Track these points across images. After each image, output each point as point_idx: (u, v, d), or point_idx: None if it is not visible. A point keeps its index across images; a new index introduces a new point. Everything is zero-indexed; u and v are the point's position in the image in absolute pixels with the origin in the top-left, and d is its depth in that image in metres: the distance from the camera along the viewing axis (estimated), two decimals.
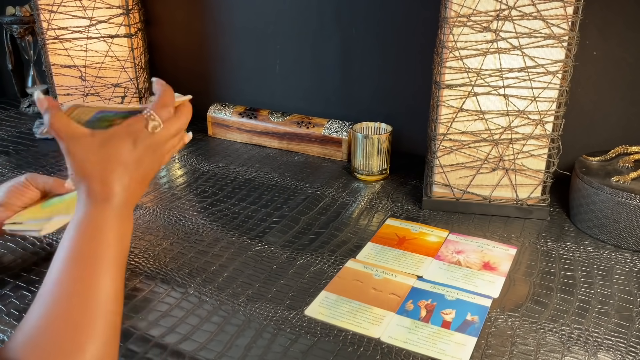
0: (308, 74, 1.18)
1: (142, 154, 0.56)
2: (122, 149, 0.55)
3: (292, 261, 0.75)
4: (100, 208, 0.54)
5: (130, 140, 0.56)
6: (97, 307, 0.49)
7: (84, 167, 0.55)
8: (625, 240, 0.77)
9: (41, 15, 1.12)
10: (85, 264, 0.51)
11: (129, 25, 1.15)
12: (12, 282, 0.70)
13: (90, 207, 0.54)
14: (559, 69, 0.78)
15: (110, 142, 0.55)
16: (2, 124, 1.29)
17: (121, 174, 0.55)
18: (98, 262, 0.51)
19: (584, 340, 0.60)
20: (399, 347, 0.59)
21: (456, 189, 0.87)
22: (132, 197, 0.57)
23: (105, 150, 0.55)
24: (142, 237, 0.81)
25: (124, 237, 0.55)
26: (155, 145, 0.58)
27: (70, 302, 0.49)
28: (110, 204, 0.54)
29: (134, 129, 0.57)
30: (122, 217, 0.55)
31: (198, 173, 1.02)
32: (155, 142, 0.58)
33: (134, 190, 0.56)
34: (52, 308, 0.48)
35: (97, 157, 0.55)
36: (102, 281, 0.51)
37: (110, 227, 0.54)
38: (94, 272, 0.51)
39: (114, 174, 0.55)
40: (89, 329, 0.48)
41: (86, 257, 0.52)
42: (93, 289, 0.50)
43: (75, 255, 0.51)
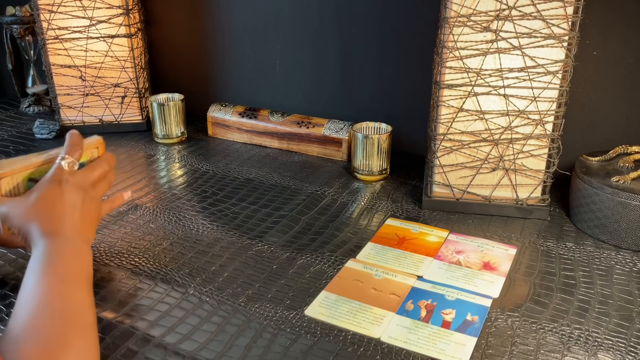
0: (308, 74, 1.18)
1: (72, 192, 0.64)
2: (52, 192, 0.63)
3: (292, 261, 0.75)
4: (53, 241, 0.59)
5: (55, 184, 0.64)
6: (75, 310, 0.54)
7: (25, 217, 0.62)
8: (625, 240, 0.77)
9: (41, 15, 1.12)
10: (55, 280, 0.55)
11: (129, 25, 1.15)
12: (12, 282, 0.70)
13: (45, 243, 0.59)
14: (559, 69, 0.78)
15: (39, 191, 0.63)
16: (2, 124, 1.29)
17: (61, 211, 0.62)
18: (71, 280, 0.56)
19: (584, 340, 0.60)
20: (399, 347, 0.59)
21: (456, 189, 0.87)
22: (82, 231, 0.63)
23: (39, 199, 0.63)
24: (142, 237, 0.81)
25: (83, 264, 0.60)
26: (83, 185, 0.65)
27: (50, 306, 0.53)
28: (63, 236, 0.60)
29: (53, 174, 0.65)
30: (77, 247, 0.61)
31: (198, 173, 1.02)
32: (81, 182, 0.65)
33: (80, 227, 0.63)
34: (37, 311, 0.52)
35: (34, 206, 0.62)
36: (73, 292, 0.55)
37: (68, 254, 0.59)
38: (63, 285, 0.55)
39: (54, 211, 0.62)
40: (72, 328, 0.52)
41: (54, 276, 0.56)
42: (67, 297, 0.54)
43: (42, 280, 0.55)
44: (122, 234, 0.82)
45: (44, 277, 0.55)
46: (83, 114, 1.21)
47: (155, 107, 1.14)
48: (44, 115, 1.34)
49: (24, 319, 0.51)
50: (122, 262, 0.74)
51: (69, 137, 0.68)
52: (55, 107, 1.21)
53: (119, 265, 0.74)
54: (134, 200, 0.91)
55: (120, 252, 0.77)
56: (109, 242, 0.79)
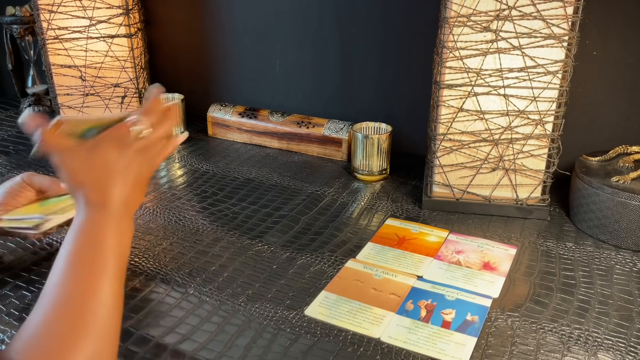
0: (308, 74, 1.18)
1: (131, 158, 0.58)
2: (109, 155, 0.57)
3: (292, 261, 0.75)
4: (99, 215, 0.55)
5: (115, 146, 0.58)
6: (93, 310, 0.50)
7: (77, 177, 0.56)
8: (625, 240, 0.77)
9: (41, 15, 1.12)
10: (85, 269, 0.52)
11: (129, 25, 1.15)
12: (12, 282, 0.70)
13: (88, 214, 0.55)
14: (559, 69, 0.78)
15: (96, 150, 0.57)
16: (2, 124, 1.29)
17: (114, 179, 0.57)
18: (97, 268, 0.52)
19: (584, 340, 0.60)
20: (399, 347, 0.59)
21: (456, 189, 0.87)
22: (129, 202, 0.58)
23: (94, 158, 0.57)
24: (142, 237, 0.81)
25: (123, 243, 0.56)
26: (143, 150, 0.59)
27: (69, 306, 0.50)
28: (108, 210, 0.55)
29: (118, 134, 0.59)
30: (120, 223, 0.56)
31: (198, 173, 1.02)
32: (142, 146, 0.59)
33: (130, 196, 0.58)
34: (52, 311, 0.49)
35: (88, 165, 0.57)
36: (101, 286, 0.52)
37: (110, 232, 0.55)
38: (93, 277, 0.52)
39: (107, 180, 0.56)
40: (87, 331, 0.48)
41: (86, 262, 0.52)
42: (92, 294, 0.51)
43: (75, 261, 0.52)
44: None
45: (73, 261, 0.52)
46: (83, 114, 1.21)
47: None
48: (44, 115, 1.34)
49: (37, 316, 0.49)
50: None
51: (149, 99, 0.62)
52: (55, 107, 1.21)
53: None
54: None
55: None
56: None
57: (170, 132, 0.63)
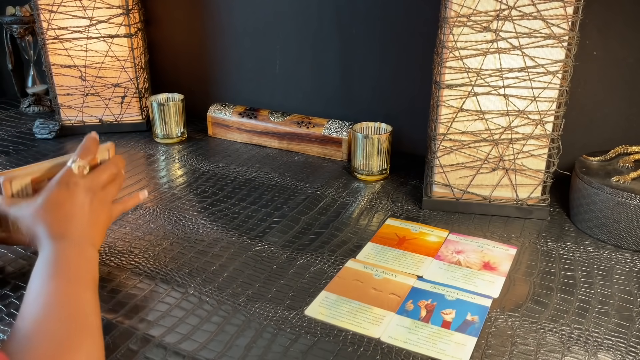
0: (308, 74, 1.18)
1: (81, 196, 0.63)
2: (59, 194, 0.62)
3: (292, 261, 0.75)
4: (62, 243, 0.59)
5: (63, 186, 0.63)
6: (85, 312, 0.53)
7: (34, 218, 0.61)
8: (625, 240, 0.77)
9: (41, 15, 1.12)
10: (64, 281, 0.55)
11: (129, 25, 1.15)
12: (12, 282, 0.70)
13: (52, 245, 0.59)
14: (559, 69, 0.78)
15: (47, 194, 0.63)
16: (2, 124, 1.29)
17: (69, 214, 0.62)
18: (74, 278, 0.56)
19: (584, 340, 0.60)
20: (399, 347, 0.59)
21: (456, 189, 0.87)
22: (90, 235, 0.63)
23: (47, 201, 0.62)
24: (142, 237, 0.81)
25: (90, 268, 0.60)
26: (92, 189, 0.65)
27: (60, 309, 0.52)
28: (70, 239, 0.60)
29: (63, 176, 0.64)
30: (84, 251, 0.60)
31: (198, 173, 1.02)
32: (90, 185, 0.65)
33: (88, 230, 0.63)
34: (44, 316, 0.52)
35: (42, 208, 0.62)
36: (83, 292, 0.55)
37: (75, 257, 0.59)
38: (73, 285, 0.55)
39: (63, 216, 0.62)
40: (83, 332, 0.51)
41: (62, 276, 0.56)
42: (77, 298, 0.54)
43: (51, 277, 0.56)
44: (122, 234, 0.82)
45: (51, 279, 0.55)
46: (83, 114, 1.21)
47: (155, 107, 1.14)
48: (44, 115, 1.34)
49: (31, 320, 0.51)
50: (122, 262, 0.74)
51: (84, 140, 0.68)
52: (55, 107, 1.21)
53: (119, 265, 0.74)
54: None
55: (120, 252, 0.77)
56: (109, 242, 0.79)
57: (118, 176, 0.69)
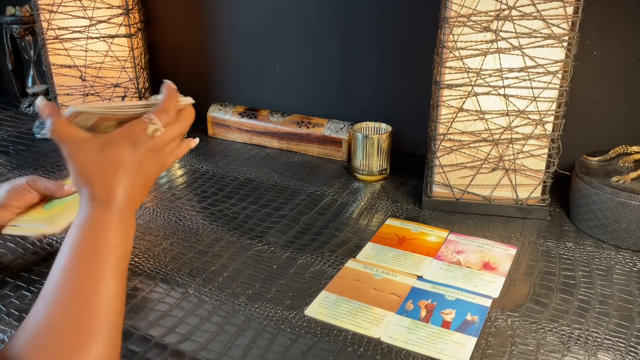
0: (308, 74, 1.18)
1: (143, 157, 0.57)
2: (122, 152, 0.56)
3: (292, 261, 0.75)
4: (103, 211, 0.54)
5: (129, 144, 0.56)
6: (100, 308, 0.49)
7: (85, 170, 0.55)
8: (625, 240, 0.77)
9: (41, 15, 1.12)
10: (89, 266, 0.51)
11: (129, 25, 1.15)
12: (12, 282, 0.70)
13: (92, 210, 0.54)
14: (559, 69, 0.78)
15: (110, 146, 0.56)
16: (2, 124, 1.29)
17: (122, 177, 0.56)
18: (101, 264, 0.52)
19: (584, 340, 0.60)
20: (399, 347, 0.59)
21: (456, 189, 0.87)
22: (134, 201, 0.57)
23: (106, 154, 0.55)
24: (142, 237, 0.81)
25: (126, 240, 0.55)
26: (155, 149, 0.58)
27: (73, 303, 0.49)
28: (112, 207, 0.55)
29: (133, 132, 0.57)
30: (124, 220, 0.55)
31: (198, 173, 1.02)
32: (155, 145, 0.58)
33: (135, 194, 0.57)
34: (56, 308, 0.48)
35: (98, 160, 0.55)
36: (105, 282, 0.51)
37: (113, 230, 0.54)
38: (97, 273, 0.51)
39: (115, 177, 0.55)
40: (92, 329, 0.48)
41: (89, 258, 0.52)
42: (96, 290, 0.50)
43: (78, 257, 0.52)
44: None
45: (76, 257, 0.51)
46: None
47: None
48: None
49: (41, 315, 0.48)
50: None
51: (166, 97, 0.60)
52: None
53: None
54: None
55: None
56: None
57: (184, 133, 0.63)
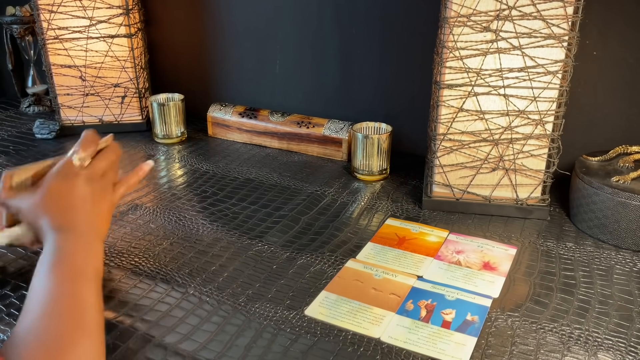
0: (308, 74, 1.18)
1: (82, 186, 0.62)
2: (59, 186, 0.62)
3: (292, 261, 0.75)
4: (66, 235, 0.58)
5: (64, 177, 0.62)
6: (85, 310, 0.53)
7: (37, 211, 0.61)
8: (625, 240, 0.77)
9: (41, 15, 1.12)
10: (66, 277, 0.55)
11: (129, 25, 1.15)
12: (12, 282, 0.70)
13: (56, 237, 0.58)
14: (559, 69, 0.78)
15: (48, 185, 0.62)
16: (2, 124, 1.29)
17: (72, 204, 0.61)
18: (77, 274, 0.55)
19: (584, 340, 0.60)
20: (399, 347, 0.59)
21: (456, 189, 0.87)
22: (95, 226, 0.61)
23: (48, 192, 0.61)
24: (142, 237, 0.81)
25: (96, 262, 0.59)
26: (92, 178, 0.64)
27: (60, 306, 0.52)
28: (75, 231, 0.59)
29: (62, 167, 0.64)
30: (90, 243, 0.60)
31: (198, 173, 1.02)
32: (90, 175, 0.64)
33: (92, 220, 0.61)
34: (44, 314, 0.51)
35: (45, 200, 0.61)
36: (85, 289, 0.55)
37: (80, 250, 0.58)
38: (75, 282, 0.55)
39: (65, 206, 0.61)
40: (82, 329, 0.51)
41: (65, 272, 0.55)
42: (79, 295, 0.54)
43: (55, 272, 0.55)
44: (122, 234, 0.82)
45: (53, 274, 0.55)
46: (83, 114, 1.21)
47: (155, 107, 1.14)
48: (44, 115, 1.34)
49: (29, 319, 0.50)
50: (122, 262, 0.74)
51: (84, 134, 0.67)
52: (55, 107, 1.21)
53: (119, 265, 0.74)
54: (133, 200, 0.91)
55: (120, 252, 0.77)
56: (109, 242, 0.79)
57: (115, 162, 0.68)
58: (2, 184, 0.64)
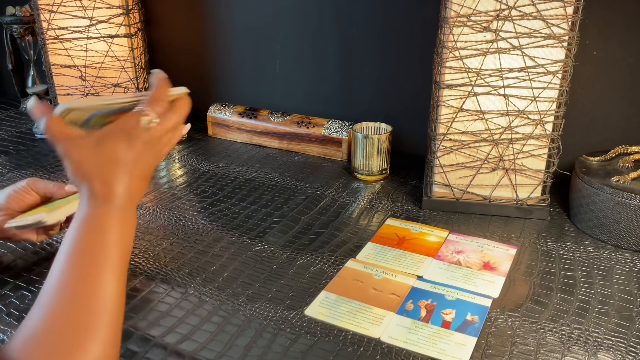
0: (308, 74, 1.18)
1: (139, 150, 0.56)
2: (118, 147, 0.55)
3: (292, 261, 0.75)
4: (103, 208, 0.53)
5: (125, 138, 0.55)
6: (100, 307, 0.49)
7: (82, 168, 0.54)
8: (625, 240, 0.77)
9: (41, 15, 1.12)
10: (89, 264, 0.51)
11: (129, 25, 1.15)
12: (12, 282, 0.70)
13: (92, 207, 0.53)
14: (559, 69, 0.78)
15: (105, 141, 0.55)
16: (2, 124, 1.29)
17: (120, 172, 0.55)
18: (101, 262, 0.51)
19: (584, 340, 0.60)
20: (399, 347, 0.59)
21: (456, 189, 0.87)
22: (133, 196, 0.56)
23: (102, 150, 0.55)
24: (142, 237, 0.81)
25: (126, 237, 0.54)
26: (151, 141, 0.57)
27: (73, 302, 0.48)
28: (113, 204, 0.54)
29: (127, 125, 0.56)
30: (124, 216, 0.55)
31: (198, 173, 1.02)
32: (150, 137, 0.57)
33: (135, 188, 0.56)
34: (55, 307, 0.48)
35: (94, 157, 0.55)
36: (105, 281, 0.50)
37: (113, 227, 0.53)
38: (97, 271, 0.51)
39: (113, 173, 0.54)
40: (92, 328, 0.47)
41: (89, 257, 0.51)
42: (96, 289, 0.50)
43: (78, 255, 0.51)
44: None
45: (76, 255, 0.51)
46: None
47: None
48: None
49: (39, 315, 0.48)
50: None
51: (157, 87, 0.59)
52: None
53: None
54: None
55: None
56: None
57: (179, 123, 0.61)
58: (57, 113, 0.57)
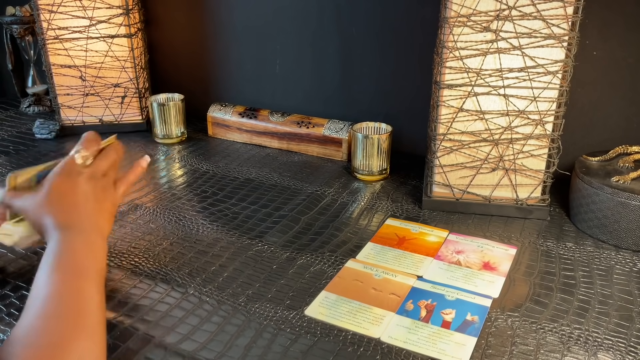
0: (308, 74, 1.18)
1: (84, 185, 0.63)
2: (62, 184, 0.62)
3: (292, 261, 0.75)
4: (69, 233, 0.59)
5: (66, 176, 0.63)
6: (85, 310, 0.53)
7: (39, 210, 0.61)
8: (625, 240, 0.77)
9: (41, 15, 1.12)
10: (69, 275, 0.55)
11: (129, 25, 1.15)
12: (12, 282, 0.70)
13: (59, 235, 0.58)
14: (559, 69, 0.78)
15: (50, 183, 0.62)
16: (2, 124, 1.29)
17: (74, 203, 0.61)
18: (80, 273, 0.55)
19: (584, 340, 0.60)
20: (399, 347, 0.59)
21: (456, 189, 0.87)
22: (97, 224, 0.62)
23: (50, 191, 0.62)
24: (142, 237, 0.81)
25: (98, 259, 0.59)
26: (94, 176, 0.64)
27: (60, 306, 0.52)
28: (78, 229, 0.59)
29: (65, 164, 0.64)
30: (93, 240, 0.60)
31: (198, 173, 1.02)
32: (92, 173, 0.64)
33: (95, 218, 0.62)
34: (43, 313, 0.51)
35: (47, 199, 0.61)
36: (87, 288, 0.55)
37: (83, 248, 0.58)
38: (77, 280, 0.55)
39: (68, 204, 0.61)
40: (79, 330, 0.51)
41: (68, 270, 0.55)
42: (80, 293, 0.54)
43: (57, 270, 0.55)
44: (122, 234, 0.82)
45: (55, 272, 0.55)
46: (83, 114, 1.21)
47: (155, 107, 1.14)
48: (44, 115, 1.34)
49: (29, 318, 0.50)
50: (122, 262, 0.74)
51: (86, 134, 0.68)
52: (55, 107, 1.21)
53: (119, 265, 0.74)
54: (133, 200, 0.91)
55: (120, 252, 0.77)
56: (109, 242, 0.79)
57: (116, 162, 0.69)
58: (6, 185, 0.65)
